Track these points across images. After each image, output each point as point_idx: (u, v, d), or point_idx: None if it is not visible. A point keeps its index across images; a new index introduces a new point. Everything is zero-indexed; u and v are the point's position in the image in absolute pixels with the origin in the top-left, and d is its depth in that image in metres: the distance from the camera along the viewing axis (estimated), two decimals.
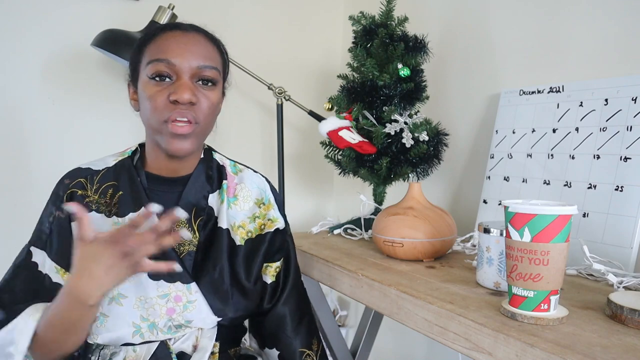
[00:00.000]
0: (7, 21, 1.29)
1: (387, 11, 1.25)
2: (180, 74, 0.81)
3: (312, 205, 1.83)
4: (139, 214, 0.71)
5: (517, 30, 1.24)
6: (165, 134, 0.81)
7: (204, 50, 0.83)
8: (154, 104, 0.80)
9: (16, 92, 1.32)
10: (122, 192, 0.85)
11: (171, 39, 0.82)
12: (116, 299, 0.81)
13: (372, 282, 0.89)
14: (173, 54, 0.80)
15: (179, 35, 0.82)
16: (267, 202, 0.96)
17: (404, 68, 1.19)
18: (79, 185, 0.85)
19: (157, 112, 0.80)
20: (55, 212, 0.84)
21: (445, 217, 1.02)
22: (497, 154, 1.20)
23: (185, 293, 0.82)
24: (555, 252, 0.65)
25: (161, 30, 0.83)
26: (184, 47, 0.81)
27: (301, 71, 1.76)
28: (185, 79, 0.81)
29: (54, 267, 0.82)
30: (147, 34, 0.86)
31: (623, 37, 1.03)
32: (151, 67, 0.80)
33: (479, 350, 0.66)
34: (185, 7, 1.43)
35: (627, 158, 0.94)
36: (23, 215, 1.34)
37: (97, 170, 0.88)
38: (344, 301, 1.87)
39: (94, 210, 0.84)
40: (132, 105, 0.89)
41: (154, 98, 0.80)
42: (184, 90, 0.79)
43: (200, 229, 0.87)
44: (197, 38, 0.83)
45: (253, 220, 0.93)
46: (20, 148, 1.33)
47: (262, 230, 0.93)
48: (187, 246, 0.85)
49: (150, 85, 0.81)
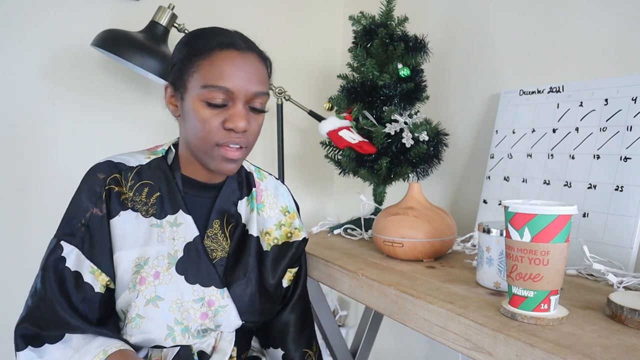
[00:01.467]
0: (7, 21, 1.29)
1: (387, 11, 1.25)
2: (235, 101, 0.81)
3: (312, 205, 1.83)
4: None
5: (517, 30, 1.24)
6: (216, 157, 0.82)
7: (258, 75, 0.82)
8: (207, 128, 0.80)
9: (16, 92, 1.32)
10: (160, 193, 0.85)
11: (228, 62, 0.80)
12: (153, 301, 0.80)
13: (372, 282, 0.89)
14: (231, 81, 0.79)
15: (236, 57, 0.80)
16: (291, 211, 0.99)
17: (404, 68, 1.19)
18: (115, 181, 0.83)
19: (210, 135, 0.80)
20: (93, 209, 0.81)
21: (445, 217, 1.02)
22: (497, 154, 1.20)
23: (218, 298, 0.84)
24: (555, 252, 0.65)
25: (217, 46, 0.80)
26: (241, 72, 0.80)
27: (301, 71, 1.76)
28: (241, 107, 0.81)
29: (90, 267, 0.79)
30: (197, 42, 0.82)
31: (623, 37, 1.03)
32: (207, 93, 0.79)
33: (479, 350, 0.66)
34: (185, 7, 1.43)
35: (627, 158, 0.94)
36: (23, 215, 1.35)
37: (130, 166, 0.85)
38: (344, 301, 1.87)
39: (130, 208, 0.83)
40: (170, 109, 0.87)
41: (207, 122, 0.80)
42: (240, 119, 0.80)
43: (232, 236, 0.89)
44: (252, 60, 0.82)
45: (279, 227, 0.96)
46: (20, 148, 1.33)
47: (289, 238, 0.96)
48: (219, 252, 0.87)
49: (204, 108, 0.80)
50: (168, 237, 0.83)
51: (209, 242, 0.86)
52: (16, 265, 1.34)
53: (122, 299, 0.81)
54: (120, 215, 0.82)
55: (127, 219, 0.82)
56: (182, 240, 0.84)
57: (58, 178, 1.38)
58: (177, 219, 0.84)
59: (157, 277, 0.81)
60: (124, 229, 0.81)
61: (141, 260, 0.81)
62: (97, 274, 0.80)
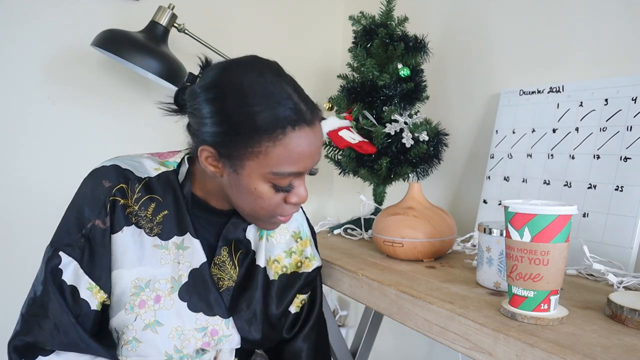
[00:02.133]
0: (7, 21, 1.29)
1: (387, 11, 1.25)
2: (301, 176, 0.77)
3: (312, 205, 1.83)
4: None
5: (517, 30, 1.24)
6: (269, 222, 0.80)
7: (322, 143, 0.77)
8: (270, 206, 0.76)
9: (16, 92, 1.32)
10: (167, 211, 0.78)
11: (303, 144, 0.71)
12: (152, 326, 0.75)
13: (372, 282, 0.89)
14: (304, 164, 0.74)
15: (309, 135, 0.72)
16: (304, 237, 0.93)
17: (404, 68, 1.19)
18: (120, 192, 0.76)
19: (270, 211, 0.77)
20: (95, 220, 0.74)
21: (445, 217, 1.02)
22: (497, 154, 1.20)
23: (223, 328, 0.79)
24: (555, 252, 0.64)
25: (287, 125, 0.70)
26: (314, 151, 0.74)
27: (301, 71, 1.74)
28: (303, 181, 0.77)
29: (88, 282, 0.74)
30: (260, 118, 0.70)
31: (623, 37, 1.03)
32: (277, 179, 0.73)
33: (479, 350, 0.66)
34: (185, 7, 1.43)
35: (627, 158, 0.94)
36: (22, 217, 1.34)
37: (138, 177, 0.78)
38: (344, 301, 1.87)
39: (134, 223, 0.76)
40: (209, 170, 0.76)
41: (272, 200, 0.75)
42: (304, 192, 0.77)
43: (240, 263, 0.85)
44: (319, 129, 0.75)
45: (289, 255, 0.90)
46: (20, 148, 1.33)
47: (298, 267, 0.91)
48: (226, 281, 0.82)
49: (268, 189, 0.74)
50: (173, 260, 0.77)
51: (216, 270, 0.82)
52: (14, 268, 1.34)
53: (117, 319, 0.76)
54: (123, 231, 0.76)
55: (129, 236, 0.76)
56: (188, 265, 0.78)
57: (58, 178, 1.38)
58: (184, 241, 0.79)
59: (158, 301, 0.76)
60: (126, 246, 0.76)
61: (141, 281, 0.76)
62: (95, 291, 0.74)
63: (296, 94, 0.73)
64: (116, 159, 0.80)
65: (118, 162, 0.79)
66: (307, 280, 0.92)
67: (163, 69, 1.26)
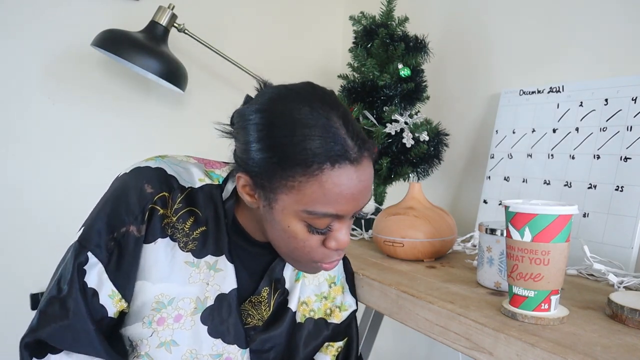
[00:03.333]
0: (7, 21, 1.29)
1: (388, 11, 1.26)
2: (343, 220, 0.68)
3: None
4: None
5: (517, 30, 1.24)
6: (309, 268, 0.73)
7: (371, 184, 0.68)
8: (304, 247, 0.69)
9: (16, 92, 1.32)
10: (205, 227, 0.73)
11: (343, 184, 0.63)
12: (167, 345, 0.71)
13: (373, 281, 0.89)
14: (343, 207, 0.65)
15: (351, 174, 0.64)
16: (338, 283, 0.87)
17: (405, 68, 1.19)
18: (162, 201, 0.70)
19: (307, 255, 0.70)
20: (129, 226, 0.69)
21: (445, 217, 1.02)
22: (497, 154, 1.20)
23: (238, 357, 0.75)
24: (555, 252, 0.65)
25: (326, 161, 0.62)
26: (357, 193, 0.65)
27: (301, 71, 1.76)
28: (346, 225, 0.69)
29: (111, 290, 0.69)
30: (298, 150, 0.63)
31: (623, 37, 1.03)
32: (311, 219, 0.66)
33: (479, 350, 0.66)
34: (185, 7, 1.43)
35: (627, 158, 0.94)
36: (22, 217, 1.34)
37: (182, 186, 0.73)
38: None
39: (169, 235, 0.71)
40: (245, 199, 0.70)
41: (307, 243, 0.68)
42: (346, 236, 0.69)
43: (275, 303, 0.80)
44: (366, 169, 0.66)
45: (320, 300, 0.84)
46: (20, 148, 1.33)
47: (327, 315, 0.85)
48: (255, 320, 0.78)
49: (303, 230, 0.67)
50: (202, 280, 0.73)
51: (249, 306, 0.78)
52: (13, 266, 1.34)
53: (133, 330, 0.72)
54: (156, 243, 0.71)
55: (162, 249, 0.71)
56: (217, 288, 0.74)
57: (58, 178, 1.38)
58: (217, 263, 0.74)
59: (178, 321, 0.71)
60: (156, 259, 0.71)
61: (164, 297, 0.71)
62: (116, 299, 0.70)
63: (344, 128, 0.64)
64: (163, 160, 0.74)
65: (164, 166, 0.73)
66: (336, 331, 0.85)
67: (163, 69, 1.26)
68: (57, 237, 0.87)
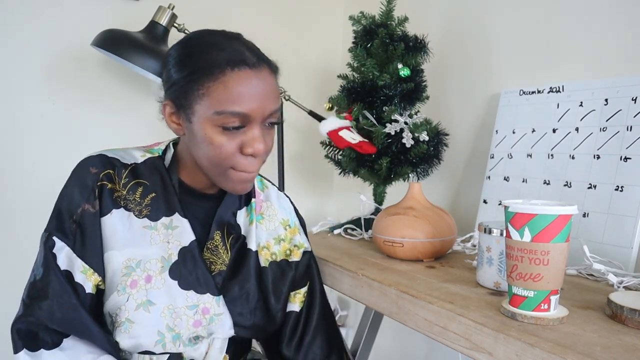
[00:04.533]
0: (7, 21, 1.29)
1: (387, 11, 1.26)
2: (252, 123, 0.76)
3: (312, 205, 1.83)
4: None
5: (517, 30, 1.24)
6: (231, 179, 0.79)
7: (274, 91, 0.78)
8: (224, 154, 0.76)
9: (16, 92, 1.32)
10: (155, 193, 0.81)
11: (243, 83, 0.73)
12: (144, 306, 0.77)
13: (372, 282, 0.89)
14: (247, 105, 0.73)
15: (250, 76, 0.74)
16: (292, 225, 0.94)
17: (404, 68, 1.19)
18: (107, 177, 0.79)
19: (227, 161, 0.76)
20: (84, 205, 0.77)
21: (445, 217, 1.02)
22: (497, 154, 1.20)
23: (214, 305, 0.81)
24: (555, 252, 0.65)
25: (227, 65, 0.73)
26: (257, 93, 0.74)
27: (301, 71, 1.76)
28: (257, 129, 0.76)
29: (81, 265, 0.76)
30: (203, 60, 0.75)
31: (623, 37, 1.03)
32: (222, 119, 0.73)
33: (479, 350, 0.66)
34: (185, 7, 1.43)
35: (627, 158, 0.94)
36: (22, 217, 1.34)
37: (125, 164, 0.82)
38: (344, 301, 1.87)
39: (122, 207, 0.79)
40: (172, 127, 0.81)
41: (224, 148, 0.75)
42: (259, 142, 0.76)
43: (232, 248, 0.86)
44: (265, 76, 0.76)
45: (278, 242, 0.91)
46: (19, 148, 1.33)
47: (287, 256, 0.92)
48: (218, 265, 0.84)
49: (218, 134, 0.75)
50: (162, 240, 0.80)
51: (208, 254, 0.83)
52: (13, 267, 1.34)
53: (111, 302, 0.78)
54: (112, 214, 0.78)
55: (118, 218, 0.78)
56: (177, 244, 0.81)
57: (58, 178, 1.37)
58: (172, 221, 0.81)
59: (149, 281, 0.78)
60: (115, 229, 0.78)
61: (132, 262, 0.78)
62: (89, 274, 0.76)
63: (245, 46, 0.77)
64: (102, 150, 0.83)
65: (104, 152, 0.82)
66: (300, 270, 0.92)
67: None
68: None
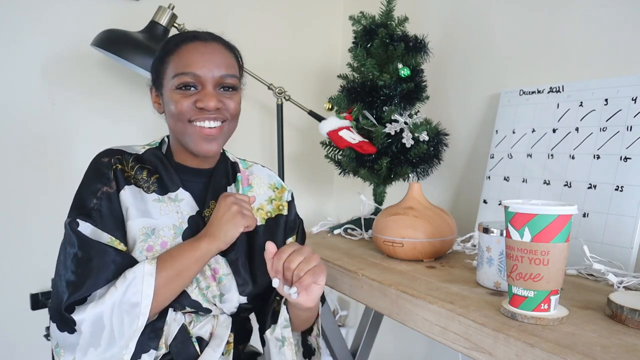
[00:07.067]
0: (7, 21, 1.29)
1: (387, 11, 1.26)
2: (205, 84, 0.86)
3: (312, 205, 1.83)
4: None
5: (517, 30, 1.24)
6: (192, 135, 0.87)
7: (224, 60, 0.88)
8: (180, 108, 0.86)
9: (16, 92, 1.32)
10: (159, 175, 0.90)
11: (193, 51, 0.87)
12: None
13: (372, 282, 0.89)
14: (197, 66, 0.85)
15: (200, 46, 0.87)
16: (279, 187, 1.03)
17: (404, 68, 1.19)
18: (118, 161, 0.88)
19: (183, 114, 0.86)
20: (104, 188, 0.85)
21: (445, 217, 1.02)
22: (497, 154, 1.20)
23: (223, 265, 0.88)
24: (555, 252, 0.65)
25: (182, 42, 0.88)
26: (206, 58, 0.86)
27: (301, 71, 1.76)
28: (210, 88, 0.86)
29: (109, 238, 0.83)
30: (168, 44, 0.90)
31: (623, 37, 1.03)
32: (177, 80, 0.86)
33: (479, 350, 0.66)
34: (185, 7, 1.43)
35: (627, 158, 0.94)
36: (22, 217, 1.34)
37: (130, 153, 0.91)
38: (344, 301, 1.87)
39: (132, 184, 0.87)
40: (156, 108, 0.94)
41: (180, 103, 0.86)
42: (210, 98, 0.85)
43: None
44: (216, 47, 0.89)
45: (270, 202, 1.00)
46: (19, 148, 1.33)
47: (280, 211, 1.00)
48: None
49: (176, 94, 0.86)
50: (172, 211, 0.88)
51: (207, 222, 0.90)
52: (13, 267, 1.34)
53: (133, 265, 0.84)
54: (125, 190, 0.86)
55: (130, 193, 0.86)
56: (186, 213, 0.89)
57: (57, 178, 1.38)
58: (178, 195, 0.89)
59: (164, 247, 0.85)
60: (130, 202, 0.86)
61: (147, 229, 0.85)
62: (116, 244, 0.83)
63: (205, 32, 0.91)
64: (107, 147, 0.92)
65: (111, 147, 0.92)
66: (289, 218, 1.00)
67: None
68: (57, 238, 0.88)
